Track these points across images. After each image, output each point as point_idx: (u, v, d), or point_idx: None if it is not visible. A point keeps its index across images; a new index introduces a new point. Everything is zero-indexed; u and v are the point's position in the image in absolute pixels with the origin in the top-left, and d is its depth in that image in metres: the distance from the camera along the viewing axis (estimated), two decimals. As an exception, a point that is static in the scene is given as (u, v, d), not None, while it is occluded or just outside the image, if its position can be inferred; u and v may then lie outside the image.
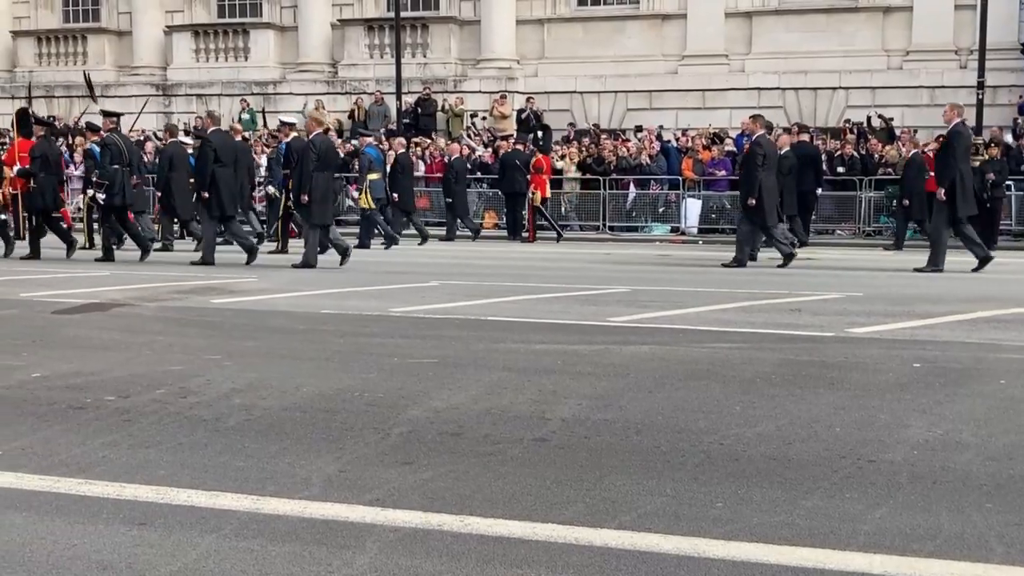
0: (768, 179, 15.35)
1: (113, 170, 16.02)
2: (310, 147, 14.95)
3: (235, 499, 4.30)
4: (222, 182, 15.41)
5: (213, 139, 15.85)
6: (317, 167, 14.79)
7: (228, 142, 16.23)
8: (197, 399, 6.15)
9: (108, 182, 15.98)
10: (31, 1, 32.45)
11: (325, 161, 15.09)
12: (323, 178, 14.98)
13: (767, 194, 15.21)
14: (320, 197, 14.88)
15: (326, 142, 15.55)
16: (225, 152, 15.66)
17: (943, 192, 14.49)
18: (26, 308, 10.23)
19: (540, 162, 22.51)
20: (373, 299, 11.05)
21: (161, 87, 30.64)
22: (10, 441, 5.20)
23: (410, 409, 5.92)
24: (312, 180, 14.73)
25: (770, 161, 15.47)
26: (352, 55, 29.37)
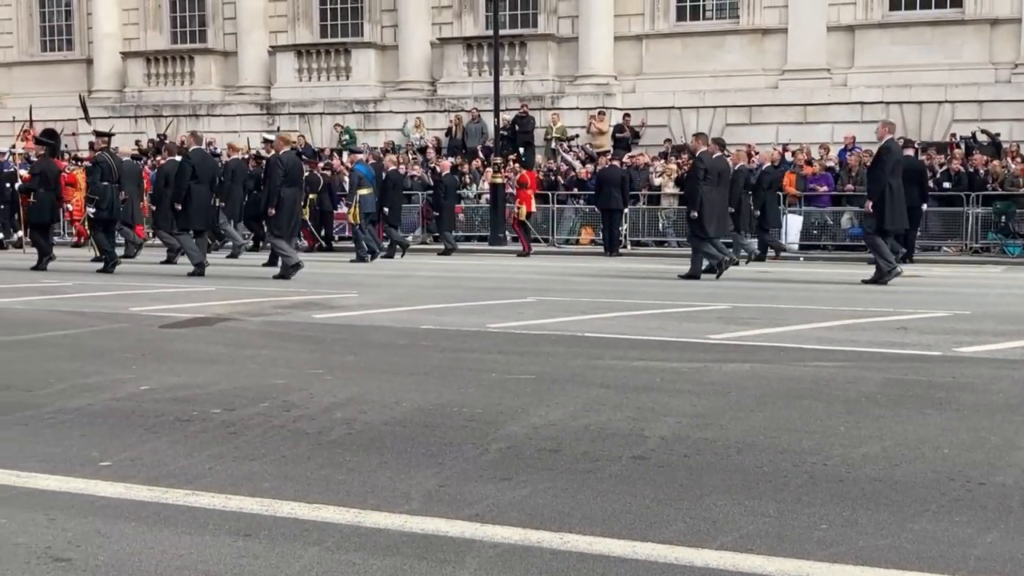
0: (711, 193, 15.93)
1: (103, 186, 16.92)
2: (278, 163, 16.01)
3: (337, 512, 4.35)
4: (196, 198, 16.42)
5: (192, 156, 16.88)
6: (284, 182, 15.84)
7: (207, 161, 17.28)
8: (300, 412, 6.24)
9: (99, 197, 16.91)
10: (140, 23, 33.39)
11: (292, 177, 16.08)
12: (290, 193, 16.01)
13: (707, 206, 15.82)
14: (288, 210, 15.90)
15: (293, 159, 16.52)
16: (203, 170, 16.69)
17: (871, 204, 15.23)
18: (135, 322, 10.50)
19: (524, 177, 22.83)
20: (471, 315, 11.11)
21: (265, 106, 31.27)
22: (120, 452, 5.33)
23: (508, 425, 5.93)
24: (279, 194, 15.75)
25: (712, 175, 16.01)
26: (451, 73, 29.63)
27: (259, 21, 31.60)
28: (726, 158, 17.81)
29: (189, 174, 16.43)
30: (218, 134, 30.19)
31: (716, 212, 16.12)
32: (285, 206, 15.87)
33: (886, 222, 15.15)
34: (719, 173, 16.31)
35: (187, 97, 32.13)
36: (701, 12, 28.64)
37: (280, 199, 15.81)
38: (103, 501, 4.54)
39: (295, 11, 31.68)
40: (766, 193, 20.74)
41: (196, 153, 17.06)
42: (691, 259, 16.35)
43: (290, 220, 16.10)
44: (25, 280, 15.36)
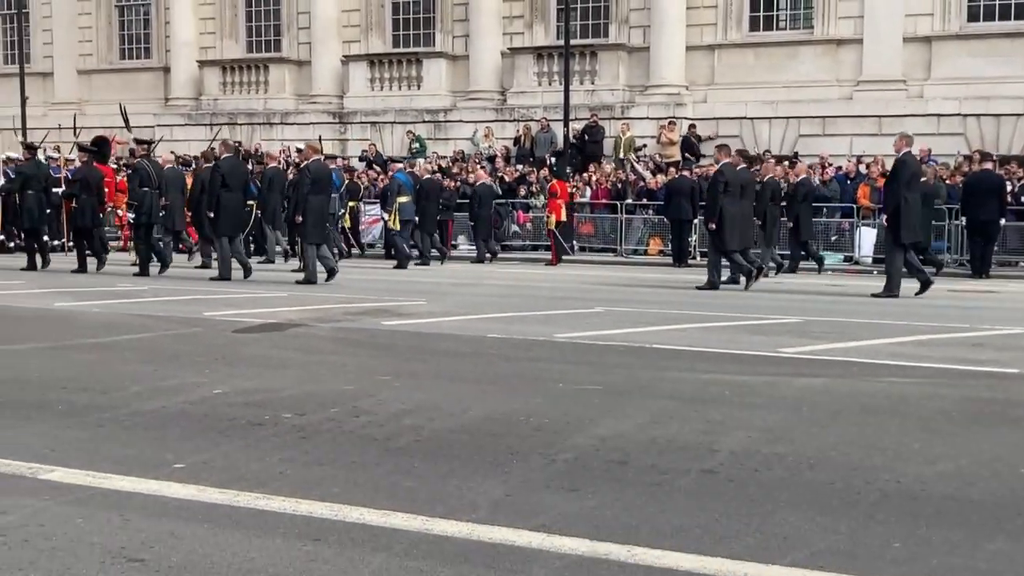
0: (733, 205, 15.97)
1: (143, 192, 17.52)
2: (305, 172, 16.46)
3: (405, 519, 4.37)
4: (227, 205, 16.81)
5: (223, 165, 17.23)
6: (312, 190, 16.18)
7: (237, 168, 17.62)
8: (369, 419, 6.29)
9: (138, 203, 17.54)
10: (217, 32, 33.94)
11: (319, 185, 16.37)
12: (318, 201, 16.29)
13: (728, 219, 15.85)
14: (315, 218, 16.24)
15: (320, 168, 16.84)
16: (233, 178, 17.07)
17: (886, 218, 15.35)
18: (209, 327, 10.66)
19: (555, 187, 22.84)
20: (538, 324, 11.11)
21: (337, 115, 31.60)
22: (193, 455, 5.41)
23: (576, 436, 5.91)
24: (307, 202, 16.10)
25: (734, 188, 16.05)
26: (521, 83, 29.71)
27: (333, 31, 31.96)
28: (751, 170, 17.80)
29: (219, 182, 16.86)
30: (291, 142, 30.60)
31: (738, 224, 16.09)
32: (313, 214, 16.22)
33: (902, 235, 15.07)
34: (742, 185, 16.31)
35: (261, 105, 32.57)
36: (775, 22, 28.41)
37: (307, 207, 16.15)
38: (176, 503, 4.60)
39: (368, 21, 32.00)
40: (800, 205, 20.64)
41: (227, 161, 17.39)
42: (708, 270, 16.42)
43: (318, 227, 16.40)
44: (102, 284, 15.67)
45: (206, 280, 16.60)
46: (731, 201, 16.01)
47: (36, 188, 18.88)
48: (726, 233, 15.92)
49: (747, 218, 16.62)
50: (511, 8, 30.41)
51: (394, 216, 20.56)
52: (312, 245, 16.28)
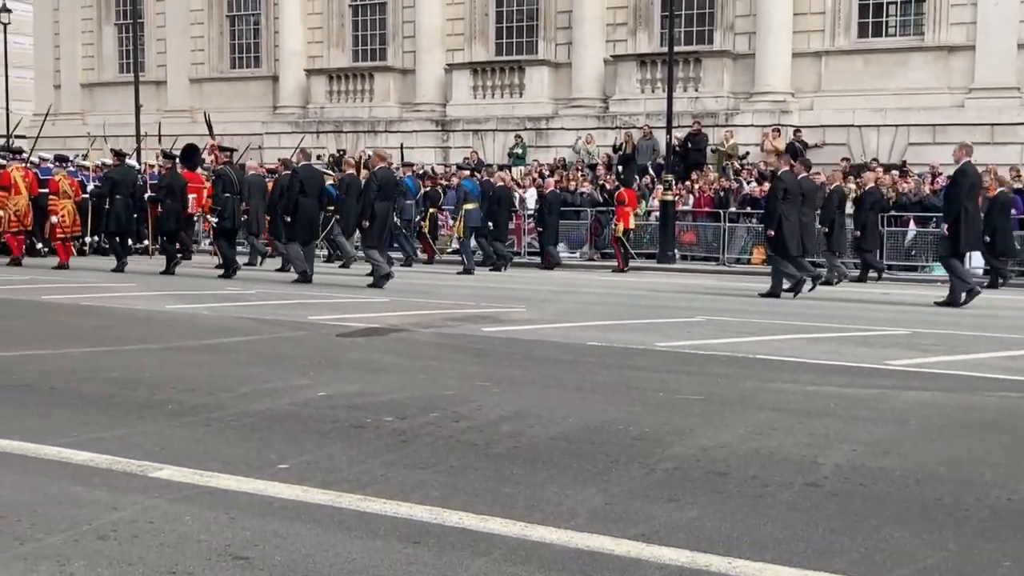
0: (793, 213, 16.02)
1: (225, 198, 18.23)
2: (372, 179, 16.90)
3: (504, 524, 4.38)
4: (304, 210, 17.29)
5: (301, 172, 17.67)
6: (378, 196, 16.60)
7: (314, 175, 18.07)
8: (468, 424, 6.32)
9: (221, 208, 18.20)
10: (324, 41, 34.54)
11: (385, 192, 16.81)
12: (383, 207, 16.70)
13: (788, 226, 15.91)
14: (380, 223, 16.59)
15: (387, 175, 17.15)
16: (310, 184, 17.52)
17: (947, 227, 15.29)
18: (313, 331, 10.84)
19: (622, 195, 22.79)
20: (638, 332, 11.05)
21: (440, 123, 31.88)
22: (297, 456, 5.50)
23: (676, 445, 5.86)
24: (372, 208, 16.52)
25: (793, 195, 16.10)
26: (623, 90, 29.61)
27: (437, 39, 32.28)
28: (813, 178, 17.77)
29: (297, 188, 17.32)
30: (394, 150, 30.95)
31: (798, 232, 16.11)
32: (378, 219, 16.59)
33: (961, 244, 15.27)
34: (803, 193, 16.36)
35: (366, 113, 33.03)
36: (884, 29, 27.85)
37: (373, 213, 16.53)
38: (280, 503, 4.69)
39: (472, 29, 32.23)
40: (868, 213, 20.36)
41: (304, 168, 17.86)
42: (771, 277, 16.49)
43: (382, 232, 16.82)
44: (212, 287, 16.04)
45: (289, 283, 16.80)
46: (791, 208, 16.06)
47: (124, 193, 19.57)
48: (786, 240, 15.97)
49: (808, 226, 16.61)
50: (615, 15, 30.34)
51: (460, 223, 20.92)
52: (374, 248, 16.68)
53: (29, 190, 20.86)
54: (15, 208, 20.53)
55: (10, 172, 20.87)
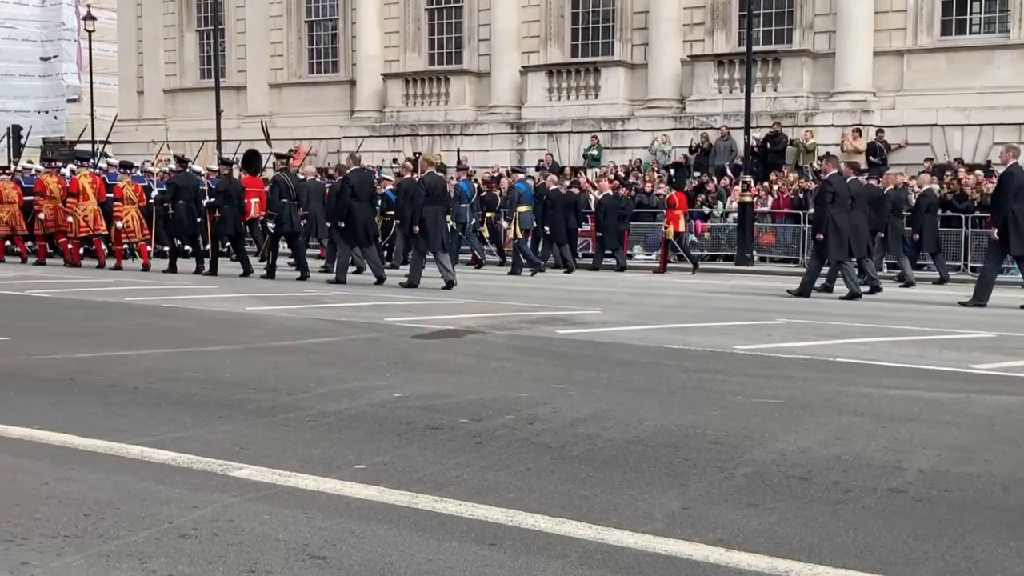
0: (841, 216, 15.99)
1: (281, 203, 18.52)
2: (420, 185, 17.06)
3: (579, 527, 4.35)
4: (358, 214, 17.63)
5: (352, 177, 18.07)
6: (426, 201, 16.80)
7: (365, 180, 18.47)
8: (544, 426, 6.30)
9: (277, 213, 18.54)
10: (401, 45, 34.78)
11: (433, 196, 16.97)
12: (432, 211, 16.86)
13: (835, 229, 15.91)
14: (429, 228, 16.77)
15: (436, 180, 17.42)
16: (361, 189, 17.96)
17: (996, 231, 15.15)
18: (390, 332, 10.91)
19: (673, 198, 22.68)
20: (717, 335, 10.94)
21: (515, 125, 31.92)
22: (373, 456, 5.53)
23: (755, 450, 5.78)
24: (422, 213, 16.75)
25: (842, 198, 16.12)
26: (700, 90, 29.37)
27: (512, 42, 32.32)
28: (864, 181, 17.80)
29: (349, 193, 17.72)
30: (469, 152, 31.09)
31: (846, 236, 16.09)
32: (428, 223, 16.80)
33: (1012, 248, 15.13)
34: (853, 196, 16.38)
35: (442, 117, 33.20)
36: (967, 26, 27.27)
37: (423, 218, 16.77)
38: (357, 503, 4.71)
39: (547, 32, 32.22)
40: (924, 216, 20.11)
41: (355, 174, 18.25)
42: (844, 281, 16.36)
43: (436, 236, 16.97)
44: (290, 289, 16.23)
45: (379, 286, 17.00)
46: (839, 212, 16.04)
47: (187, 198, 20.04)
48: (832, 243, 15.98)
49: (858, 229, 16.52)
50: (691, 15, 30.13)
51: (514, 225, 21.13)
52: (422, 254, 16.96)
53: (97, 196, 21.45)
54: (83, 213, 21.13)
55: (79, 179, 21.49)
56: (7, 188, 22.82)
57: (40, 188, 22.23)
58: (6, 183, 23.00)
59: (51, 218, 21.87)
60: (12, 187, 22.96)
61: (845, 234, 16.05)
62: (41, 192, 22.13)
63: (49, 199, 21.89)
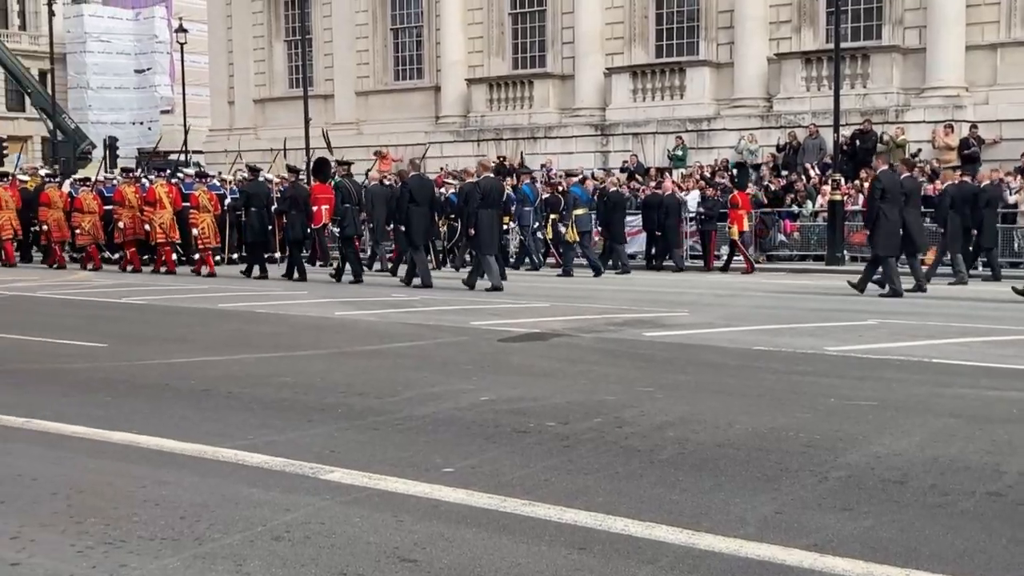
0: (891, 212, 15.95)
1: (344, 208, 19.20)
2: (475, 188, 17.44)
3: (670, 532, 4.32)
4: (416, 219, 18.01)
5: (411, 183, 18.47)
6: (482, 205, 17.20)
7: (424, 186, 18.74)
8: (632, 430, 6.26)
9: (340, 217, 19.20)
10: (484, 50, 34.90)
11: (489, 200, 17.31)
12: (487, 214, 17.23)
13: (885, 226, 15.88)
14: (483, 230, 17.16)
15: (491, 183, 17.70)
16: (420, 194, 18.21)
17: None
18: (476, 336, 10.94)
19: (736, 198, 22.62)
20: (807, 336, 10.77)
21: (599, 127, 31.81)
22: (462, 460, 5.55)
23: (849, 453, 5.68)
24: (478, 216, 17.10)
25: (892, 195, 16.02)
26: (788, 88, 28.97)
27: (596, 44, 32.23)
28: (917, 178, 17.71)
29: (408, 198, 18.11)
30: (553, 155, 31.06)
31: (897, 232, 16.12)
32: (483, 226, 17.17)
33: None
34: (906, 192, 16.36)
35: (526, 120, 33.22)
36: (1066, 16, 26.49)
37: (478, 220, 17.12)
38: (446, 506, 4.73)
39: (631, 33, 32.07)
40: (984, 212, 19.61)
41: (414, 179, 18.65)
42: (912, 275, 16.49)
43: (490, 238, 17.33)
44: (378, 294, 16.38)
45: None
46: (890, 208, 16.00)
47: (258, 205, 20.63)
48: (881, 239, 16.01)
49: (912, 224, 16.53)
50: (778, 13, 29.73)
51: (571, 228, 21.30)
52: (486, 256, 17.27)
53: (173, 205, 22.12)
54: (160, 221, 21.77)
55: (155, 188, 22.21)
56: (87, 199, 23.63)
57: (119, 198, 22.95)
58: (87, 194, 23.81)
59: (130, 227, 22.56)
60: (92, 197, 23.77)
61: (895, 231, 16.04)
62: (120, 202, 22.84)
63: (128, 208, 22.59)
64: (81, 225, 23.32)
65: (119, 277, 20.63)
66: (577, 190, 22.01)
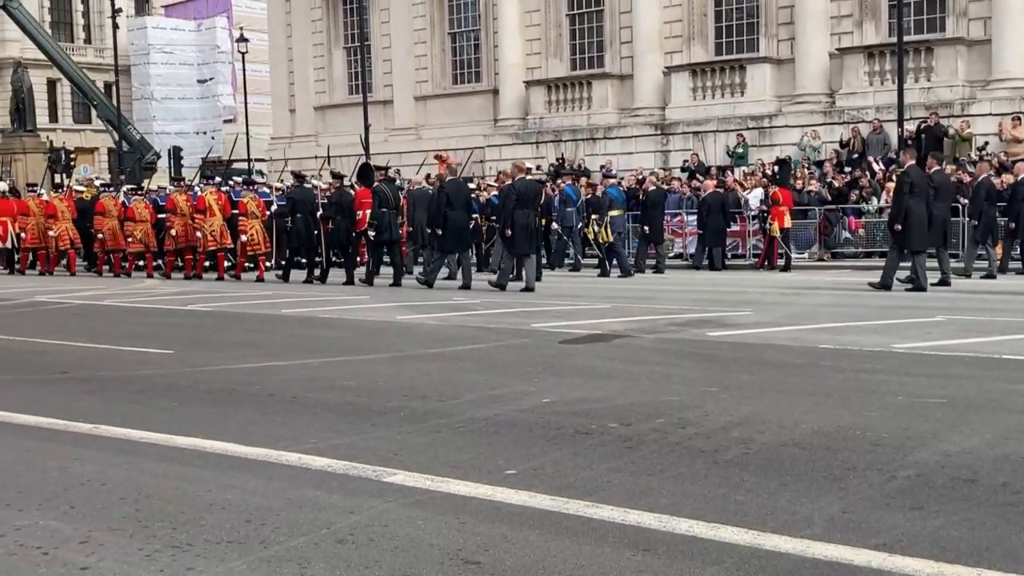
0: (918, 206, 16.08)
1: (381, 212, 19.32)
2: (511, 189, 17.74)
3: (735, 532, 4.27)
4: (452, 222, 18.25)
5: (447, 187, 18.60)
6: (517, 206, 17.41)
7: (460, 189, 19.01)
8: (695, 430, 6.21)
9: (378, 222, 19.35)
10: (542, 52, 34.91)
11: (524, 200, 17.51)
12: (522, 215, 17.44)
13: (914, 220, 16.03)
14: (518, 231, 17.38)
15: (526, 184, 17.86)
16: (457, 198, 18.45)
17: None
18: (537, 338, 10.93)
19: (777, 195, 22.55)
20: (873, 334, 10.61)
21: (659, 127, 31.68)
22: (524, 462, 5.54)
23: (917, 451, 5.58)
24: (512, 216, 17.40)
25: (920, 189, 16.16)
26: (850, 83, 28.63)
27: (655, 43, 32.09)
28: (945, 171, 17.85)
29: (444, 202, 18.34)
30: (613, 156, 30.98)
31: (924, 227, 16.28)
32: (518, 227, 17.39)
33: None
34: (935, 187, 16.47)
35: (585, 121, 33.17)
36: None
37: (513, 222, 17.36)
38: (508, 508, 4.72)
39: (690, 31, 31.89)
40: (1021, 205, 19.58)
41: (451, 183, 18.86)
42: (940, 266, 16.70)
43: (525, 239, 17.57)
44: (438, 298, 16.44)
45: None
46: (917, 202, 16.11)
47: (304, 212, 20.90)
48: (911, 234, 16.09)
49: (939, 219, 16.66)
50: (839, 7, 29.40)
51: (605, 229, 21.48)
52: (514, 257, 17.60)
53: (222, 212, 22.63)
54: (211, 229, 22.35)
55: (205, 196, 22.83)
56: (139, 207, 24.20)
57: (171, 206, 23.51)
58: (138, 203, 24.39)
59: (181, 234, 23.10)
60: (144, 206, 24.34)
61: (920, 224, 16.15)
62: (172, 210, 23.37)
63: (179, 216, 23.13)
64: (133, 233, 23.94)
65: (183, 285, 20.93)
66: (613, 191, 22.23)
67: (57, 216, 25.48)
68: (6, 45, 57.02)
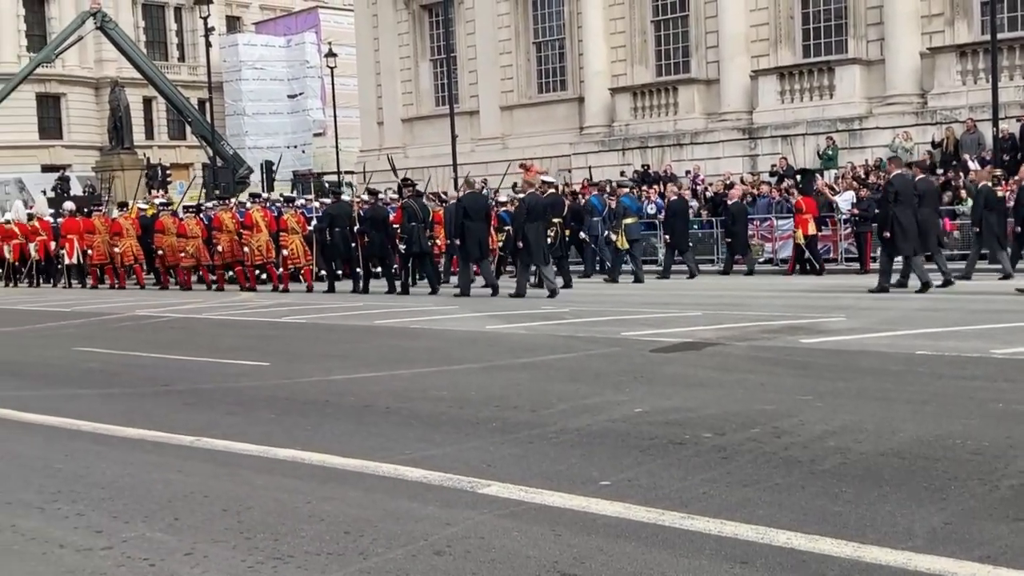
0: (904, 214, 16.54)
1: (411, 226, 20.14)
2: (522, 204, 18.63)
3: (835, 545, 4.22)
4: (470, 233, 18.92)
5: (464, 199, 19.58)
6: (528, 219, 18.20)
7: (477, 201, 19.74)
8: (791, 440, 6.14)
9: (407, 235, 20.18)
10: (627, 59, 34.78)
11: (534, 214, 18.32)
12: (532, 228, 18.20)
13: (900, 227, 16.50)
14: (531, 243, 18.14)
15: (536, 198, 18.74)
16: (474, 209, 19.16)
17: None
18: (627, 346, 10.90)
19: (800, 203, 22.70)
20: (972, 339, 10.38)
21: (746, 131, 31.34)
22: (617, 473, 5.54)
23: (1020, 460, 5.46)
24: (524, 229, 18.17)
25: (905, 197, 16.64)
26: (943, 83, 28.04)
27: (741, 47, 31.80)
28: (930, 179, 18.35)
29: (462, 213, 19.06)
30: (700, 161, 30.75)
31: (912, 233, 16.64)
32: (530, 239, 18.10)
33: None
34: (920, 195, 16.92)
35: (671, 127, 32.98)
36: None
37: (524, 234, 18.11)
38: (603, 520, 4.72)
39: (777, 34, 31.53)
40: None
41: (468, 196, 19.80)
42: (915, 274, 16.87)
43: (537, 251, 18.26)
44: (527, 307, 16.48)
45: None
46: (903, 210, 16.58)
47: (341, 226, 21.49)
48: (898, 240, 16.58)
49: (926, 224, 17.04)
50: (929, 6, 28.82)
51: (621, 236, 21.99)
52: (526, 266, 18.46)
53: (268, 227, 23.48)
54: (257, 244, 23.30)
55: (252, 213, 23.79)
56: (190, 223, 25.22)
57: (217, 223, 24.47)
58: (190, 219, 25.39)
59: (227, 249, 24.05)
60: (195, 222, 25.34)
61: (910, 231, 16.56)
62: (218, 227, 24.32)
63: (225, 232, 24.07)
64: (185, 248, 24.96)
65: (277, 297, 21.30)
66: (627, 200, 22.77)
67: (123, 233, 26.71)
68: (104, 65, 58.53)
